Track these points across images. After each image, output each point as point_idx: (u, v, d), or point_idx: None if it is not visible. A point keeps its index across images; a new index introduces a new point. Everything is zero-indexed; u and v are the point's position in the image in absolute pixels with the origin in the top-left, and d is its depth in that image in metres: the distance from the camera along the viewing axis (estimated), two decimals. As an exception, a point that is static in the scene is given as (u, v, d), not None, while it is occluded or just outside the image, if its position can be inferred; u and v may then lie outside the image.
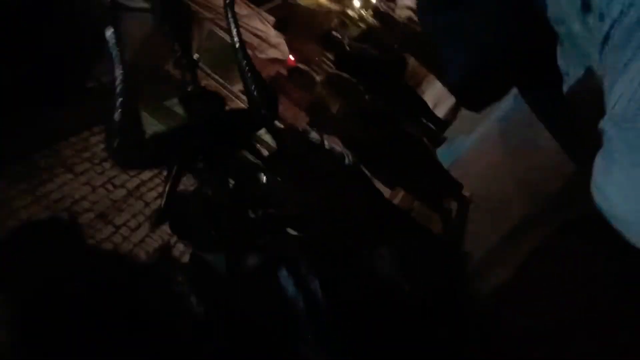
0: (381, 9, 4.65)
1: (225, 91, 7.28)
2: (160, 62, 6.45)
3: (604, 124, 0.72)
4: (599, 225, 1.75)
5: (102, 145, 5.78)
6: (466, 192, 3.31)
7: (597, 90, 0.80)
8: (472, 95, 1.70)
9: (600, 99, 0.76)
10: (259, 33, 5.87)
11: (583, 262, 1.78)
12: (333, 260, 1.88)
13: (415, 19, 4.60)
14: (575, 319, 1.67)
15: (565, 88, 1.01)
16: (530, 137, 3.08)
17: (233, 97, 7.50)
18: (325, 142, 2.82)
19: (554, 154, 2.50)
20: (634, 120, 0.66)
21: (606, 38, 0.71)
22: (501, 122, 4.01)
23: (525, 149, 3.06)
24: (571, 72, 0.97)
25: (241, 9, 6.09)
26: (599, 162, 0.73)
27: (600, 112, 0.74)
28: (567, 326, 1.69)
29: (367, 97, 3.54)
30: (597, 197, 0.74)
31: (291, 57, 5.96)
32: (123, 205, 5.23)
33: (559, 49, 0.99)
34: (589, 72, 0.87)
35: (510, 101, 3.88)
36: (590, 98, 0.84)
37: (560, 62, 1.00)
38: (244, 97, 7.61)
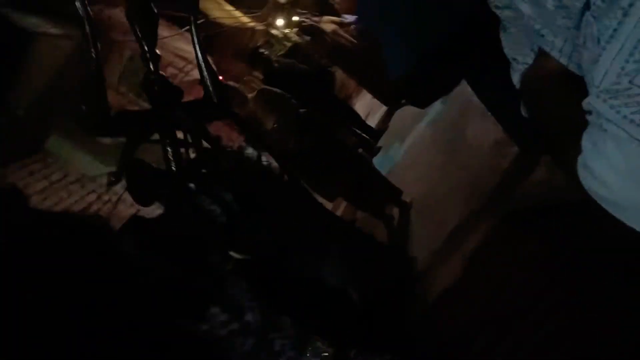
0: (306, 24, 4.67)
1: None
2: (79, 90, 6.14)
3: (591, 102, 0.67)
4: (540, 215, 1.78)
5: (22, 183, 5.42)
6: (406, 198, 3.35)
7: (554, 74, 0.77)
8: (418, 89, 1.72)
9: (560, 82, 0.73)
10: (184, 54, 5.74)
11: (526, 254, 1.81)
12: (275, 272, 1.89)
13: (341, 32, 4.65)
14: (521, 310, 1.69)
15: (514, 75, 0.97)
16: (459, 137, 3.16)
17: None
18: (263, 159, 2.76)
19: (486, 150, 2.58)
20: (628, 95, 0.62)
21: (586, 6, 0.66)
22: (430, 126, 4.11)
23: (455, 149, 3.14)
24: (520, 59, 0.93)
25: (163, 31, 5.93)
26: (587, 143, 0.69)
27: (560, 95, 0.72)
28: (511, 318, 1.71)
29: (300, 110, 3.51)
30: (588, 180, 0.70)
31: (219, 77, 5.86)
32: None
33: (502, 36, 0.96)
34: (543, 55, 0.83)
35: (438, 105, 3.99)
36: (545, 83, 0.81)
37: (505, 49, 0.96)
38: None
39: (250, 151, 2.73)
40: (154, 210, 2.00)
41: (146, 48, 2.16)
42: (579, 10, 0.68)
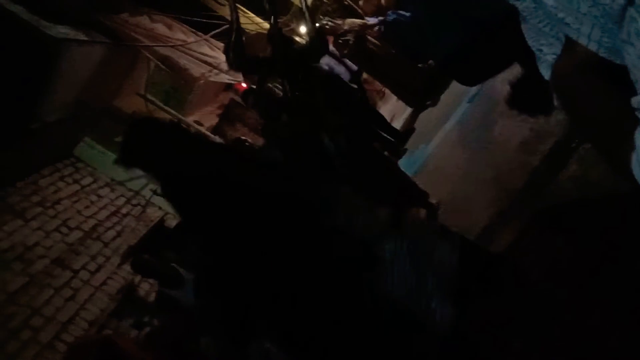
0: (328, 27, 4.67)
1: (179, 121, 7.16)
2: (107, 97, 6.28)
3: None
4: (571, 214, 1.72)
5: (53, 188, 5.54)
6: (433, 200, 3.29)
7: (586, 63, 0.73)
8: (465, 68, 1.72)
9: (594, 71, 0.69)
10: (209, 60, 5.80)
11: (557, 254, 1.76)
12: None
13: (364, 34, 4.64)
14: (553, 315, 1.65)
15: (541, 67, 0.93)
16: (486, 136, 3.10)
17: (189, 128, 7.40)
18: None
19: (514, 148, 2.52)
20: None
21: (630, 2, 0.63)
22: (456, 126, 4.06)
23: (482, 149, 3.08)
24: (545, 49, 0.89)
25: (188, 37, 6.03)
26: None
27: (597, 86, 0.68)
28: (543, 323, 1.67)
29: (326, 114, 3.50)
30: None
31: (243, 84, 5.96)
32: (80, 248, 4.99)
33: (523, 27, 0.93)
34: (571, 44, 0.79)
35: (464, 104, 3.93)
36: (578, 73, 0.77)
37: (529, 40, 0.93)
38: (198, 127, 7.48)
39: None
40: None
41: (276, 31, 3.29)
42: (621, 6, 0.64)
